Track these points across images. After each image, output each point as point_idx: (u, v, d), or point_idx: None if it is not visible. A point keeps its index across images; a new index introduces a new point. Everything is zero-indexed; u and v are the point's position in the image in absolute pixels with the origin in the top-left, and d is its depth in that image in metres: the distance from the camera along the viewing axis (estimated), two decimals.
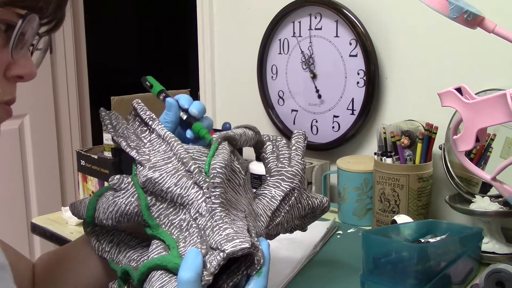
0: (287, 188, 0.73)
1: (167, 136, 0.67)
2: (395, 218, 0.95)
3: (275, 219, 0.70)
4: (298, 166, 0.77)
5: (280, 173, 0.75)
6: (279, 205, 0.71)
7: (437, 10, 0.73)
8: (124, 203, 0.63)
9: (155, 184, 0.62)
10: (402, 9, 1.16)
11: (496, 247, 0.95)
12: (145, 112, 0.70)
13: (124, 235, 0.70)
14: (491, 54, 1.05)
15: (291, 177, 0.75)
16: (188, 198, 0.61)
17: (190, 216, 0.61)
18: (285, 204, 0.73)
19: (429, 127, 1.04)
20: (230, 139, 0.69)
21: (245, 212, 0.63)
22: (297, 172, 0.76)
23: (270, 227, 0.69)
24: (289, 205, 0.73)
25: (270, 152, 0.78)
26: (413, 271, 0.77)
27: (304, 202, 0.76)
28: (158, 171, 0.62)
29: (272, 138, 0.80)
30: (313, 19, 1.28)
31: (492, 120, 0.68)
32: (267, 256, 0.59)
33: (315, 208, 0.77)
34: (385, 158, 1.06)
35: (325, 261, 0.96)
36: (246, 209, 0.65)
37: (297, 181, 0.75)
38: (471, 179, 1.03)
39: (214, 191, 0.60)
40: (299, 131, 0.83)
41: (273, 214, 0.70)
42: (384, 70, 1.20)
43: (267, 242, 0.61)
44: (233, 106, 1.53)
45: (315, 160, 1.25)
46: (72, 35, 2.40)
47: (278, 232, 0.73)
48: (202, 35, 1.56)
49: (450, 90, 0.72)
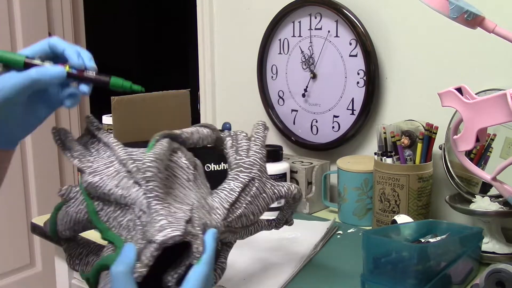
0: (246, 179, 0.73)
1: (110, 143, 0.68)
2: (395, 218, 0.95)
3: (236, 211, 0.71)
4: (256, 155, 0.76)
5: (238, 165, 0.75)
6: (238, 197, 0.71)
7: (437, 10, 0.73)
8: (74, 212, 0.66)
9: (96, 188, 0.63)
10: (402, 9, 1.16)
11: (496, 247, 0.95)
12: (92, 124, 0.71)
13: (93, 246, 0.72)
14: (491, 54, 1.05)
15: (248, 167, 0.74)
16: (130, 197, 0.62)
17: (135, 215, 0.62)
18: (246, 195, 0.72)
19: (429, 127, 1.04)
20: (171, 136, 0.69)
21: (192, 205, 0.64)
22: (255, 161, 0.75)
23: (230, 220, 0.69)
24: (251, 196, 0.73)
25: (229, 146, 0.78)
26: (413, 271, 0.77)
27: (269, 192, 0.75)
28: (98, 175, 0.64)
29: (233, 133, 0.80)
30: (313, 19, 1.28)
31: (492, 120, 0.68)
32: (209, 244, 0.60)
33: (283, 196, 0.77)
34: (385, 158, 1.06)
35: (325, 261, 0.96)
36: (196, 203, 0.65)
37: (256, 170, 0.74)
38: (471, 179, 1.04)
39: (147, 185, 0.61)
40: (259, 121, 0.82)
41: (231, 206, 0.70)
42: (384, 70, 1.20)
43: (212, 231, 0.61)
44: (233, 106, 1.53)
45: (315, 160, 1.25)
46: (72, 35, 2.40)
47: (245, 224, 0.72)
48: (202, 35, 1.56)
49: (450, 90, 0.72)
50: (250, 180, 0.73)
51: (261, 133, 0.80)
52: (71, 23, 2.39)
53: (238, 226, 0.72)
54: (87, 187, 0.64)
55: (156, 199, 0.61)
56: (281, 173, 1.17)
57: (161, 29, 3.97)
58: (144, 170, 0.62)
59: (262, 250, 0.99)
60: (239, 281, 0.87)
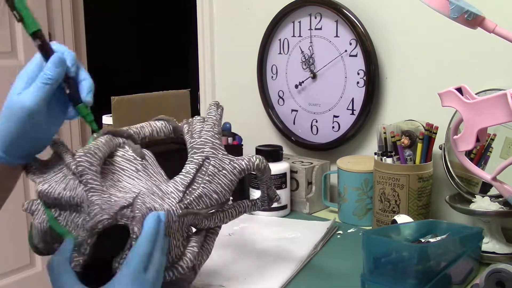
0: (199, 159, 0.73)
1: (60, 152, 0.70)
2: (395, 218, 0.95)
3: (193, 192, 0.71)
4: (207, 134, 0.76)
5: (191, 147, 0.75)
6: (194, 178, 0.72)
7: (438, 10, 0.73)
8: (39, 223, 0.68)
9: (47, 195, 0.67)
10: (402, 9, 1.16)
11: (496, 247, 0.95)
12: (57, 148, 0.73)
13: None
14: (491, 54, 1.05)
15: (200, 147, 0.75)
16: (78, 196, 0.65)
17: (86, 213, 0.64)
18: (202, 175, 0.73)
19: (429, 127, 1.04)
20: (112, 133, 0.72)
21: (138, 193, 0.66)
22: (206, 140, 0.75)
23: (188, 201, 0.70)
24: (208, 175, 0.73)
25: (186, 132, 0.79)
26: (413, 271, 0.77)
27: (229, 167, 0.75)
28: (47, 183, 0.68)
29: (190, 120, 0.81)
30: (313, 19, 1.28)
31: (492, 120, 0.68)
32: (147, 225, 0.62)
33: (245, 170, 0.76)
34: (385, 158, 1.06)
35: (325, 261, 0.96)
36: (144, 190, 0.68)
37: (208, 148, 0.75)
38: (471, 179, 1.04)
39: (81, 179, 0.64)
40: (212, 102, 0.84)
41: (187, 188, 0.71)
42: (384, 70, 1.20)
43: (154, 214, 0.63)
44: (233, 106, 1.53)
45: (315, 160, 1.25)
46: (72, 35, 2.40)
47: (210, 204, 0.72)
48: (202, 35, 1.56)
49: (450, 90, 0.72)
50: (205, 160, 0.73)
51: (214, 112, 0.81)
52: (71, 23, 2.39)
53: (202, 207, 0.71)
54: (40, 196, 0.68)
55: (92, 191, 0.63)
56: (281, 173, 1.17)
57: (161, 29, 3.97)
58: (76, 166, 0.65)
59: (262, 250, 0.99)
60: (240, 280, 0.87)
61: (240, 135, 1.27)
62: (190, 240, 0.71)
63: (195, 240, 0.72)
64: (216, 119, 0.80)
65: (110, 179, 0.68)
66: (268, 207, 0.86)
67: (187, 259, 0.69)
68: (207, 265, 0.92)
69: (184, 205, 0.69)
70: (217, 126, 0.78)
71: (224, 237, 1.05)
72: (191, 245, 0.71)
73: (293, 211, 1.22)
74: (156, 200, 0.67)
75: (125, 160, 0.71)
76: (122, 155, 0.71)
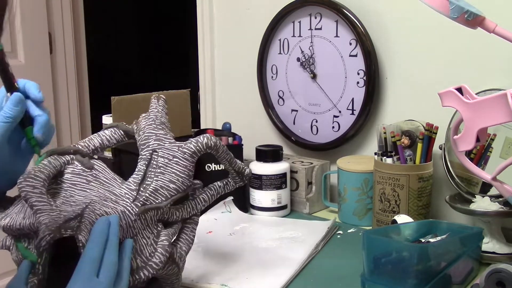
0: (146, 154, 0.74)
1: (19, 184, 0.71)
2: (395, 218, 0.95)
3: (147, 187, 0.71)
4: (149, 127, 0.77)
5: (138, 145, 0.76)
6: (145, 174, 0.72)
7: (438, 10, 0.73)
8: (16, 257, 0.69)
9: (10, 228, 0.68)
10: (402, 9, 1.16)
11: (496, 247, 0.95)
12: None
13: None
14: (491, 54, 1.05)
15: (145, 142, 0.75)
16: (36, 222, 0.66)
17: None
18: (154, 169, 0.73)
19: (429, 127, 1.04)
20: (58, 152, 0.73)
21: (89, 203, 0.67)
22: (150, 133, 0.76)
23: (144, 198, 0.70)
24: (159, 167, 0.73)
25: (135, 132, 0.80)
26: (413, 271, 0.77)
27: (179, 154, 0.75)
28: (8, 216, 0.69)
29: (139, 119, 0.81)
30: (313, 19, 1.28)
31: (492, 120, 0.68)
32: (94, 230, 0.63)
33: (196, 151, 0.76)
34: (386, 158, 1.06)
35: (326, 261, 0.96)
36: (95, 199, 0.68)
37: (153, 141, 0.75)
38: (471, 179, 1.04)
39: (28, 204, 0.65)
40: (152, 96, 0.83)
41: (140, 185, 0.71)
42: (384, 70, 1.20)
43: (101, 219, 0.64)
44: (233, 106, 1.53)
45: (315, 160, 1.25)
46: (72, 35, 2.40)
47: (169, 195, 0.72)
48: (202, 35, 1.56)
49: (450, 90, 0.72)
50: (152, 153, 0.74)
51: (154, 105, 0.81)
52: (71, 23, 2.39)
53: (162, 200, 0.72)
54: (4, 231, 0.69)
55: (39, 212, 0.64)
56: (281, 173, 1.17)
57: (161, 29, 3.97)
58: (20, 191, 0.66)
59: (263, 250, 0.99)
60: (241, 280, 0.87)
61: (240, 135, 1.27)
62: (160, 235, 0.72)
63: (164, 233, 0.72)
64: (158, 111, 0.80)
65: (63, 197, 0.69)
66: (242, 183, 0.86)
67: (158, 254, 0.70)
68: (208, 264, 0.93)
69: (141, 202, 0.70)
70: (159, 117, 0.79)
71: (225, 237, 1.05)
72: (160, 240, 0.71)
73: (293, 211, 1.22)
74: (108, 205, 0.68)
75: (75, 175, 0.72)
76: (72, 171, 0.72)
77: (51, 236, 0.62)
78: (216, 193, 0.82)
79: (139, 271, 0.68)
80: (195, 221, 0.78)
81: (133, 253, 0.67)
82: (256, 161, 1.19)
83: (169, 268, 0.72)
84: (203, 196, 0.80)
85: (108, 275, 0.62)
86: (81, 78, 2.50)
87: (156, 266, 0.69)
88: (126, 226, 0.67)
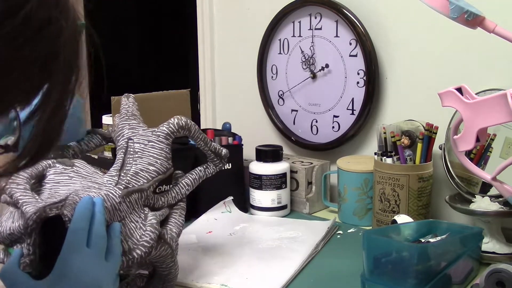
0: (122, 143, 0.78)
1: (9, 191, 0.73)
2: (395, 218, 0.95)
3: (128, 172, 0.74)
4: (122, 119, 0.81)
5: (115, 138, 0.80)
6: (124, 161, 0.75)
7: (438, 10, 0.73)
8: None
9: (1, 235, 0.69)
10: (402, 9, 1.16)
11: (496, 247, 0.95)
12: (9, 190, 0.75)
13: None
14: (491, 54, 1.05)
15: (119, 132, 0.79)
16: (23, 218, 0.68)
17: None
18: (131, 155, 0.76)
19: (429, 127, 1.04)
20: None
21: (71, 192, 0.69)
22: (123, 125, 0.80)
23: (126, 181, 0.72)
24: (136, 152, 0.76)
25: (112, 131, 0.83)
26: (413, 271, 0.77)
27: (154, 138, 0.78)
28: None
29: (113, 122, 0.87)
30: (313, 19, 1.28)
31: (492, 120, 0.68)
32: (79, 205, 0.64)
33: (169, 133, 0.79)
34: (385, 158, 1.06)
35: (326, 261, 0.96)
36: (79, 188, 0.71)
37: (126, 130, 0.79)
38: (471, 179, 1.04)
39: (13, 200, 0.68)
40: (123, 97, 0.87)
41: (120, 171, 0.74)
42: (384, 70, 1.20)
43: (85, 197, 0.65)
44: (233, 106, 1.53)
45: (315, 160, 1.25)
46: None
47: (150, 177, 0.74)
48: (202, 35, 1.56)
49: (450, 90, 0.72)
50: (128, 141, 0.77)
51: (124, 102, 0.85)
52: None
53: (144, 182, 0.74)
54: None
55: (25, 204, 0.66)
56: (281, 173, 1.17)
57: (161, 29, 3.97)
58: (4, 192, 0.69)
59: (263, 250, 0.99)
60: (242, 280, 0.87)
61: (240, 135, 1.27)
62: (147, 217, 0.73)
63: (152, 214, 0.74)
64: (128, 106, 0.83)
65: (48, 194, 0.72)
66: (222, 166, 0.88)
67: (148, 232, 0.71)
68: (208, 264, 0.93)
69: (123, 186, 0.72)
70: (130, 111, 0.82)
71: (225, 236, 1.05)
72: (149, 219, 0.73)
73: (293, 211, 1.22)
74: (91, 191, 0.70)
75: (57, 174, 0.75)
76: (54, 172, 0.75)
77: (37, 215, 0.64)
78: (198, 177, 0.84)
79: (132, 251, 0.69)
80: (181, 206, 0.80)
81: (123, 236, 0.69)
82: (256, 161, 1.19)
83: (162, 249, 0.73)
84: (186, 180, 0.82)
85: (98, 247, 0.63)
86: None
87: (147, 244, 0.70)
88: (112, 209, 0.69)
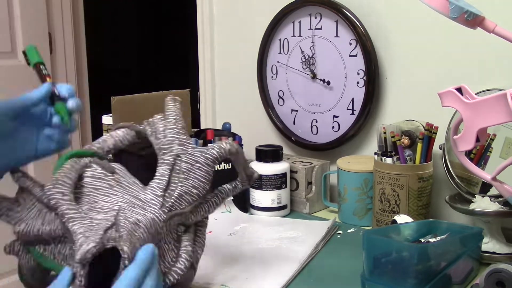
0: (170, 159, 0.72)
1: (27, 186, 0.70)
2: (395, 218, 0.95)
3: (172, 193, 0.70)
4: (172, 131, 0.75)
5: (159, 148, 0.74)
6: (169, 179, 0.71)
7: (438, 10, 0.73)
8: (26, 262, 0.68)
9: (26, 234, 0.66)
10: (402, 9, 1.16)
11: (496, 247, 0.95)
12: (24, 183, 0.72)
13: None
14: (491, 54, 1.05)
15: (168, 147, 0.73)
16: (58, 228, 0.65)
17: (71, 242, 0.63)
18: (177, 174, 0.71)
19: (429, 127, 1.04)
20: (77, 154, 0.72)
21: (118, 210, 0.65)
22: (172, 138, 0.74)
23: (170, 204, 0.69)
24: (183, 172, 0.72)
25: (150, 134, 0.77)
26: (413, 271, 0.77)
27: (202, 160, 0.73)
28: (23, 222, 0.67)
29: (151, 120, 0.79)
30: (313, 19, 1.28)
31: (492, 120, 0.68)
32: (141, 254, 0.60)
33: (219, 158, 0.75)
34: (385, 158, 1.06)
35: (326, 261, 0.96)
36: (123, 205, 0.67)
37: (176, 146, 0.73)
38: (471, 179, 1.04)
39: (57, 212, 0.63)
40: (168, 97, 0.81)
41: (165, 191, 0.70)
42: (384, 70, 1.20)
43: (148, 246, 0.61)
44: (233, 106, 1.53)
45: (315, 160, 1.25)
46: (72, 35, 2.40)
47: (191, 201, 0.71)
48: (202, 35, 1.56)
49: (450, 90, 0.72)
50: (175, 158, 0.72)
51: (172, 108, 0.79)
52: (71, 23, 2.39)
53: (185, 205, 0.71)
54: (19, 237, 0.67)
55: (71, 221, 0.62)
56: (281, 173, 1.17)
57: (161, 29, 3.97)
58: (48, 199, 0.64)
59: (263, 250, 0.99)
60: (242, 280, 0.87)
61: (240, 135, 1.27)
62: (181, 240, 0.71)
63: (186, 238, 0.71)
64: (177, 114, 0.78)
65: (86, 203, 0.67)
66: (248, 185, 0.85)
67: (183, 260, 0.69)
68: (208, 264, 0.92)
69: (167, 209, 0.68)
70: (180, 121, 0.77)
71: (225, 237, 1.05)
72: (184, 245, 0.70)
73: (293, 211, 1.22)
74: (138, 212, 0.66)
75: (96, 179, 0.70)
76: (92, 175, 0.70)
77: (97, 249, 0.59)
78: (226, 196, 0.81)
79: (164, 277, 0.67)
80: (205, 223, 0.77)
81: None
82: (256, 161, 1.19)
83: (188, 273, 0.71)
84: (215, 199, 0.78)
85: None
86: (81, 78, 2.50)
87: (180, 272, 0.68)
88: (155, 234, 0.66)
